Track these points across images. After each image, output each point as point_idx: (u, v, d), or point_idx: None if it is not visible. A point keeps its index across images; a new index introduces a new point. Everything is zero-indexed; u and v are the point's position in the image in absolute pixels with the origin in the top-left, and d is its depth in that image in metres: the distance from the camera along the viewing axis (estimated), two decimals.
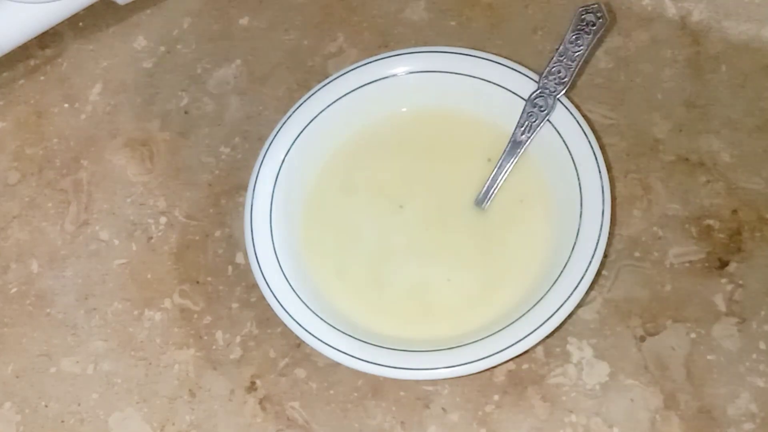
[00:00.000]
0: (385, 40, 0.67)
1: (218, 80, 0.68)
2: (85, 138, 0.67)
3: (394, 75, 0.60)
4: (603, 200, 0.53)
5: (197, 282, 0.61)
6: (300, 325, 0.53)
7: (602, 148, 0.56)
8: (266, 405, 0.56)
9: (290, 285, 0.55)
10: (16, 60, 0.70)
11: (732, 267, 0.56)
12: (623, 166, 0.60)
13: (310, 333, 0.52)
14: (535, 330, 0.51)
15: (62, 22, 0.64)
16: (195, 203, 0.63)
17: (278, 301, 0.54)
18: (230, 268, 0.61)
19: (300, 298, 0.54)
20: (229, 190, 0.64)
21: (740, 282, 0.55)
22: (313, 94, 0.60)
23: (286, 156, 0.58)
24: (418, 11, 0.68)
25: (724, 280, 0.56)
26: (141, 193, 0.64)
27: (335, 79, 0.60)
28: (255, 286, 0.56)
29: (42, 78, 0.70)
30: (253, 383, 0.57)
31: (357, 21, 0.68)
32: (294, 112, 0.59)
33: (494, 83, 0.58)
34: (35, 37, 0.65)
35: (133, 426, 0.57)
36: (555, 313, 0.51)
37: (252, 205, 0.57)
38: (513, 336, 0.51)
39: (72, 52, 0.71)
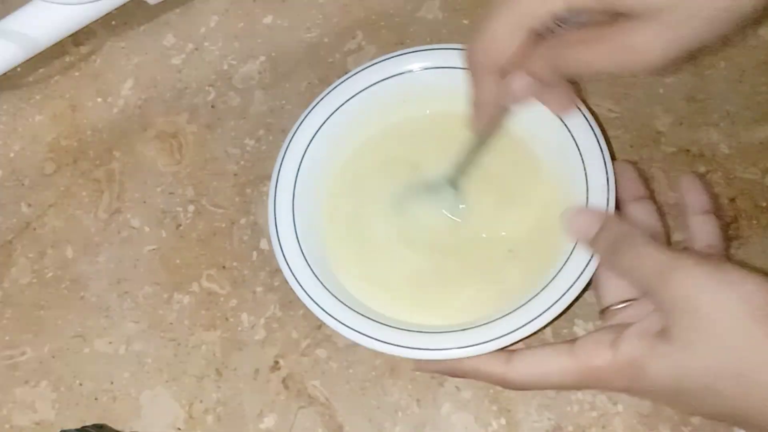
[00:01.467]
0: (402, 38, 0.68)
1: (243, 76, 0.69)
2: (118, 130, 0.68)
3: (410, 71, 0.60)
4: (608, 189, 0.54)
5: (223, 267, 0.62)
6: (321, 307, 0.53)
7: (607, 140, 0.56)
8: (289, 383, 0.58)
9: (312, 270, 0.55)
10: (52, 57, 0.71)
11: (730, 252, 0.57)
12: (627, 156, 0.61)
13: (330, 315, 0.53)
14: (544, 312, 0.51)
15: (96, 21, 0.65)
16: (221, 192, 0.65)
17: (300, 285, 0.54)
18: (255, 253, 0.62)
19: (321, 282, 0.55)
20: (254, 179, 0.65)
21: None
22: (333, 89, 0.60)
23: (307, 147, 0.59)
24: (433, 10, 0.69)
25: None
26: (170, 182, 0.65)
27: (354, 74, 0.60)
28: (278, 270, 0.56)
29: (77, 74, 0.71)
30: (276, 363, 0.59)
31: (375, 19, 0.69)
32: (315, 105, 0.60)
33: None
34: (70, 35, 0.66)
35: (162, 403, 0.58)
36: (563, 296, 0.51)
37: (275, 194, 0.57)
38: (523, 318, 0.51)
39: (105, 49, 0.72)
